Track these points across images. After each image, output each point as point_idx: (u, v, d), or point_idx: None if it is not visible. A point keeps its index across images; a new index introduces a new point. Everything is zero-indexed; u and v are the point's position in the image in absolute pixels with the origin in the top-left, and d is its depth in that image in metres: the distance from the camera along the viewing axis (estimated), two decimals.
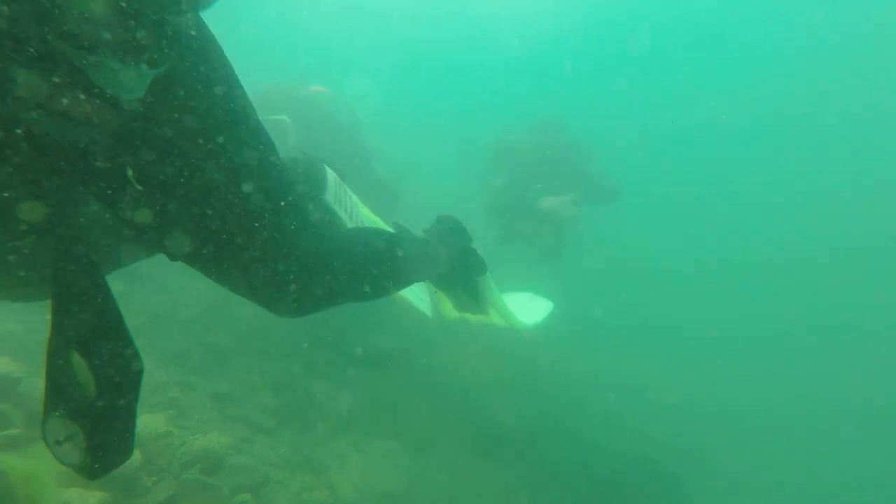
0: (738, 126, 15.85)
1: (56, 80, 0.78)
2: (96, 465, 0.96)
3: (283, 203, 1.27)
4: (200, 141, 1.07)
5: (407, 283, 2.14)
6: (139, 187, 1.01)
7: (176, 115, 1.02)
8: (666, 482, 4.86)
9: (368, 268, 1.67)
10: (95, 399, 0.94)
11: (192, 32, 1.04)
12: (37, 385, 2.50)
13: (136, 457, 2.48)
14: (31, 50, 0.75)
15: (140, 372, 1.02)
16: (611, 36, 15.65)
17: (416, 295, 3.36)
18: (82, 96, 0.81)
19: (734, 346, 11.44)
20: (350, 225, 2.26)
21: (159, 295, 3.72)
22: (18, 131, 0.80)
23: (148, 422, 2.67)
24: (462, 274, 2.62)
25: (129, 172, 0.99)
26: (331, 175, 2.25)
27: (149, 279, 3.87)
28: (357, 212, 2.41)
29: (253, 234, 1.21)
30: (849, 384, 11.19)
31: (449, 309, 3.02)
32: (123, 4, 0.77)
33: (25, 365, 2.55)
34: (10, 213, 0.90)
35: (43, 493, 2.08)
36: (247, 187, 1.16)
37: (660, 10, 14.79)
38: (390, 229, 2.37)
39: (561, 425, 4.63)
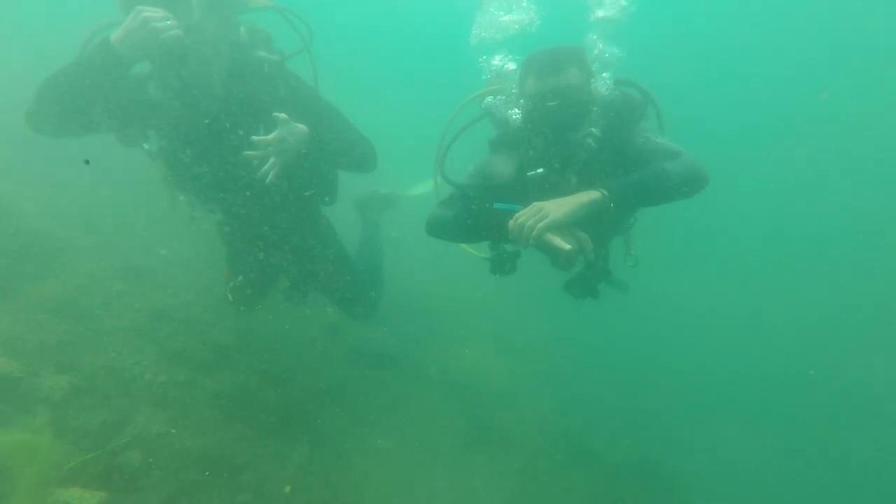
0: None
1: None
2: None
3: None
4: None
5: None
6: None
7: None
8: (667, 482, 4.86)
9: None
10: None
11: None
12: (37, 385, 2.50)
13: (136, 456, 2.49)
14: None
15: None
16: None
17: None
18: None
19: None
20: None
21: (160, 292, 3.71)
22: None
23: (148, 422, 2.67)
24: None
25: None
26: None
27: (149, 277, 3.86)
28: None
29: None
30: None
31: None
32: None
33: (25, 365, 2.55)
34: None
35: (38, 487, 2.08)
36: None
37: None
38: None
39: (562, 426, 4.63)
